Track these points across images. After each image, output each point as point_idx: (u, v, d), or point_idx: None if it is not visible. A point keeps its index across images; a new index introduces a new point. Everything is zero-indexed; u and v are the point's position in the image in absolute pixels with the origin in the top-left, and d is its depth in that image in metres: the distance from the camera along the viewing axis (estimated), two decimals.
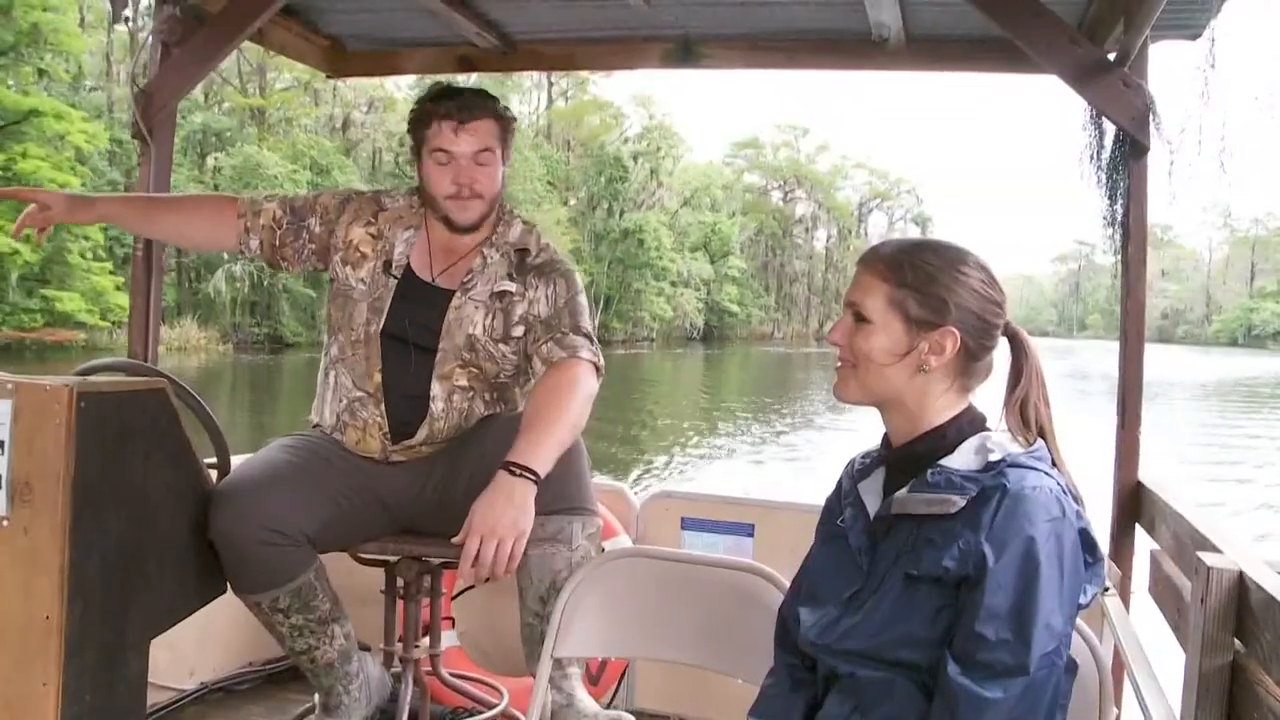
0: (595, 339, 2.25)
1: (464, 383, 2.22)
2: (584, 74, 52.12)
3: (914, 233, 67.01)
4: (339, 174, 35.80)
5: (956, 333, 1.41)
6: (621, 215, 52.85)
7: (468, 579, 1.95)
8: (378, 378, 2.21)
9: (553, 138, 54.69)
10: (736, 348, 58.41)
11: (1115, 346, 2.69)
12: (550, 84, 55.38)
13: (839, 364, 1.48)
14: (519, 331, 2.23)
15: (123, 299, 24.50)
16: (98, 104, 32.37)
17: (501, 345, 2.23)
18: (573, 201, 52.00)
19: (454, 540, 1.92)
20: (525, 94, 53.66)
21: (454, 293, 2.23)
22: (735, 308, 63.07)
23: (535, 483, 1.94)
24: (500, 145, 2.24)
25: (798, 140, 75.15)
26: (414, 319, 2.22)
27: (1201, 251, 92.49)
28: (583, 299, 2.28)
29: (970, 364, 1.43)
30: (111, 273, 28.58)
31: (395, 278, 2.24)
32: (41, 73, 29.33)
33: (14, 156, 26.81)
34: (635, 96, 59.09)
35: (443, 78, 3.00)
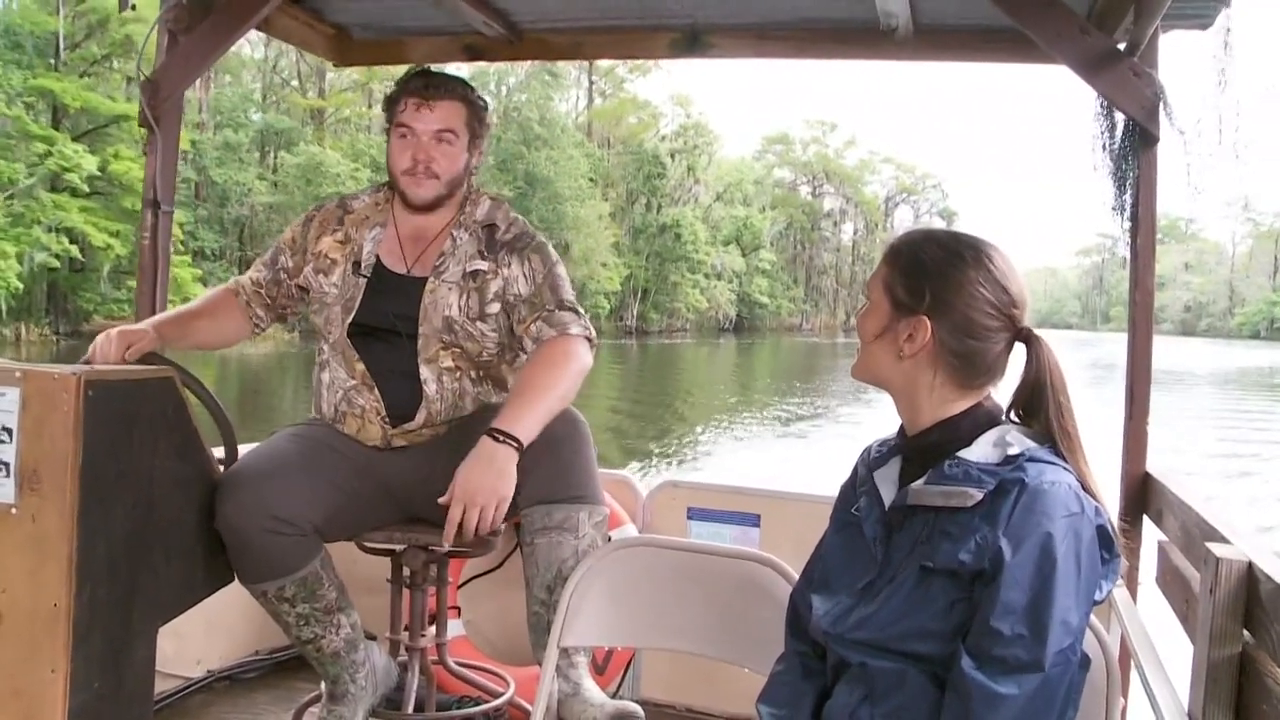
0: (581, 310, 2.27)
1: (449, 363, 2.23)
2: (621, 74, 53.14)
3: (939, 226, 67.10)
4: None
5: (928, 323, 1.39)
6: (659, 210, 54.33)
7: (450, 543, 2.01)
8: (360, 366, 2.23)
9: (593, 135, 55.39)
10: (768, 338, 60.01)
11: None
12: (591, 84, 56.57)
13: None
14: (494, 309, 2.24)
15: (200, 290, 25.86)
16: None
17: (479, 324, 2.24)
18: (612, 196, 52.82)
19: (440, 501, 1.97)
20: (565, 92, 54.63)
21: (428, 278, 2.24)
22: (766, 299, 64.23)
23: (518, 450, 1.99)
24: (467, 130, 2.25)
25: (826, 135, 75.75)
26: (394, 310, 2.23)
27: (1225, 245, 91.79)
28: (560, 270, 2.28)
29: (961, 360, 1.40)
30: (189, 265, 29.95)
31: (365, 276, 2.25)
32: (129, 79, 30.27)
33: (108, 159, 28.13)
34: (673, 96, 60.28)
35: (449, 67, 3.00)
